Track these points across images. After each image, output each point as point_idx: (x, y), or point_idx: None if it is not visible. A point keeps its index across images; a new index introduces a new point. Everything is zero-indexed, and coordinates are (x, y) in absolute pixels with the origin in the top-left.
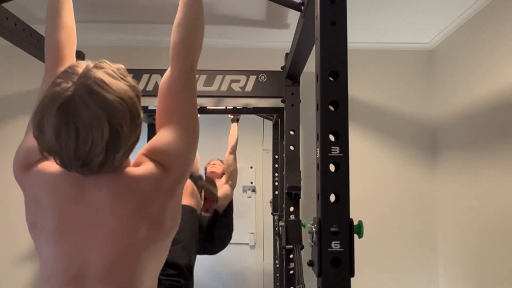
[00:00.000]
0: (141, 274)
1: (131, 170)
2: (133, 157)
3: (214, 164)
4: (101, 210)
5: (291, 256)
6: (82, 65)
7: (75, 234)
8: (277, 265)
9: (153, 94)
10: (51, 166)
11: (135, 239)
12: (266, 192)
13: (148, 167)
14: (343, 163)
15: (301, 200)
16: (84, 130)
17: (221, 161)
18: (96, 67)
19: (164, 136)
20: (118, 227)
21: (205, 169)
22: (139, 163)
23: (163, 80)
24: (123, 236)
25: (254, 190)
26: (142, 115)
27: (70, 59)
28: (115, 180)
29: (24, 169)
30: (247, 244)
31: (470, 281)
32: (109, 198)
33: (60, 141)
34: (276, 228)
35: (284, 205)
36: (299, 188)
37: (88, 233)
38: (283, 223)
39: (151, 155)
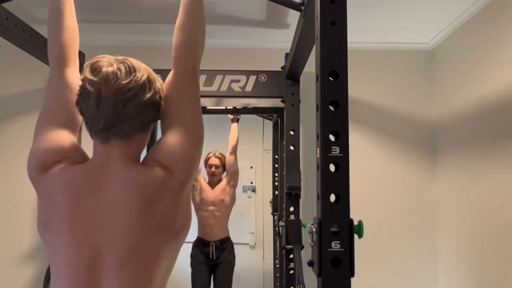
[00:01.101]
0: (154, 268)
1: (140, 167)
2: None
3: (214, 171)
4: (114, 203)
5: (291, 256)
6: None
7: (89, 226)
8: (277, 265)
9: None
10: (67, 166)
11: (146, 233)
12: (266, 192)
13: (154, 168)
14: (343, 163)
15: (301, 200)
16: (126, 70)
17: (220, 157)
18: None
19: (168, 138)
20: (130, 220)
21: (205, 164)
22: (145, 164)
23: (166, 83)
24: (134, 229)
25: (254, 190)
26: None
27: (74, 58)
28: (127, 173)
29: (40, 170)
30: (247, 244)
31: (470, 281)
32: (120, 191)
33: (99, 74)
34: (276, 228)
35: (284, 205)
36: (299, 188)
37: (102, 225)
38: (283, 223)
39: (155, 157)
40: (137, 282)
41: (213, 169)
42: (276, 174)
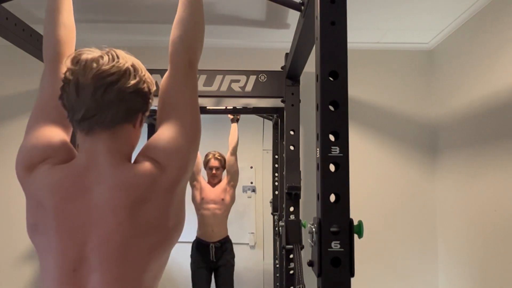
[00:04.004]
0: (142, 272)
1: (130, 165)
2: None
3: (214, 173)
4: (100, 205)
5: (291, 256)
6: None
7: (76, 228)
8: (277, 265)
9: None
10: (52, 166)
11: (134, 235)
12: (266, 192)
13: (144, 165)
14: (343, 163)
15: (301, 200)
16: (110, 58)
17: (219, 158)
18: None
19: (162, 133)
20: (116, 222)
21: (204, 165)
22: (136, 162)
23: (163, 79)
24: (121, 231)
25: (254, 190)
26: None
27: None
28: (114, 174)
29: (27, 169)
30: (247, 244)
31: (470, 281)
32: (108, 192)
33: (80, 62)
34: (276, 228)
35: (284, 205)
36: (299, 188)
37: (88, 227)
38: (283, 223)
39: (148, 153)
40: (125, 285)
41: (213, 171)
42: (276, 174)
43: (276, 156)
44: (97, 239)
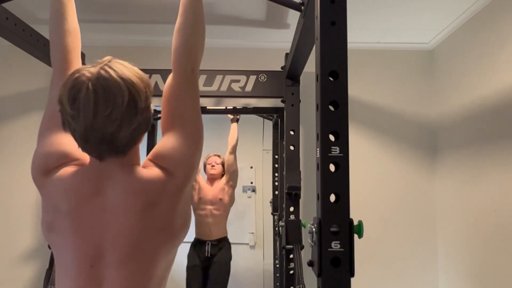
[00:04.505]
0: (153, 267)
1: (141, 170)
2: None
3: (213, 166)
4: (113, 208)
5: (291, 256)
6: (104, 59)
7: (91, 227)
8: (277, 265)
9: (152, 94)
10: (68, 171)
11: (145, 235)
12: (266, 192)
13: (154, 171)
14: (343, 163)
15: (301, 200)
16: (105, 93)
17: (219, 156)
18: (114, 59)
19: (168, 141)
20: (127, 225)
21: (204, 165)
22: (145, 167)
23: (166, 86)
24: (133, 231)
25: (254, 190)
26: (151, 105)
27: (77, 61)
28: (126, 179)
29: (43, 174)
30: (247, 244)
31: (470, 281)
32: (120, 196)
33: (77, 106)
34: (276, 228)
35: (284, 205)
36: (299, 188)
37: (103, 226)
38: (283, 223)
39: (156, 160)
40: (137, 279)
41: (212, 163)
42: (276, 174)
43: (276, 156)
44: (111, 238)
